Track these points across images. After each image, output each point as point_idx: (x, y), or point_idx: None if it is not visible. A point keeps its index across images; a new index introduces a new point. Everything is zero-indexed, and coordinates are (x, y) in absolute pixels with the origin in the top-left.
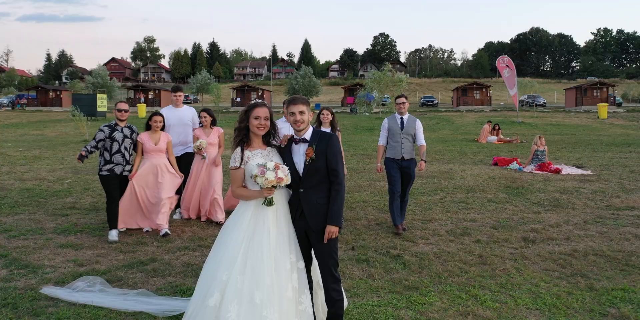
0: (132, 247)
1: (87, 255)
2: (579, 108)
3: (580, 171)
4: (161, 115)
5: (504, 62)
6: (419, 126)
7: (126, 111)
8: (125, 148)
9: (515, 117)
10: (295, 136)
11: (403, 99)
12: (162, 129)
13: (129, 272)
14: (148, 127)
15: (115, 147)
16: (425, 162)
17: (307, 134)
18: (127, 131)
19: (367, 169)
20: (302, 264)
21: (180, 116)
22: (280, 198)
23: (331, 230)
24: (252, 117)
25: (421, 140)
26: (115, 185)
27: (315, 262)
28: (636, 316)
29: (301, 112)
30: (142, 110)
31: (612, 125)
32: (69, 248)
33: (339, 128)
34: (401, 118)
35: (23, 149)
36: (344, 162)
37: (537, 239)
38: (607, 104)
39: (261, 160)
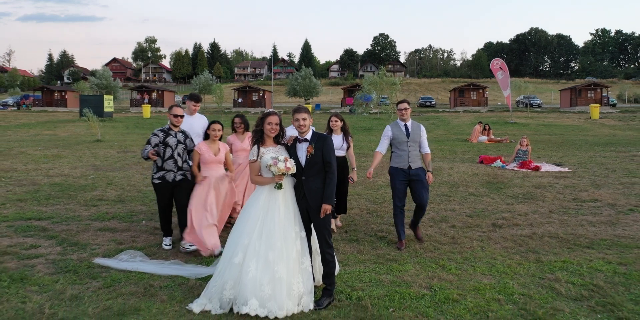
0: (160, 231)
1: (123, 236)
2: (573, 108)
3: (558, 169)
4: (220, 123)
5: (497, 65)
6: (424, 132)
7: (182, 117)
8: (178, 154)
9: (509, 117)
10: (298, 137)
11: (405, 105)
12: (220, 138)
13: (161, 249)
14: (206, 137)
15: (168, 152)
16: (432, 173)
17: (308, 135)
18: (180, 136)
19: (362, 166)
20: (304, 234)
21: (191, 124)
22: (288, 184)
23: (326, 207)
24: (266, 123)
25: (426, 148)
26: (167, 194)
27: (314, 233)
28: (567, 279)
29: (303, 119)
30: (147, 110)
31: (602, 126)
32: (107, 231)
33: (351, 135)
34: (405, 125)
35: (42, 148)
36: (354, 168)
37: (504, 225)
38: (599, 105)
39: (273, 155)
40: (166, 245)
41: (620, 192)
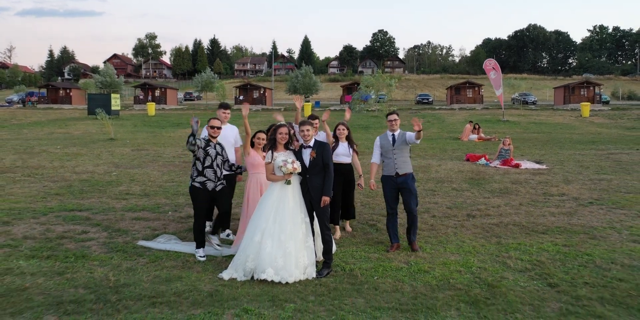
0: (185, 219)
1: (155, 224)
2: (566, 106)
3: (537, 166)
4: (265, 132)
5: (490, 65)
6: (409, 134)
7: (219, 128)
8: (217, 165)
9: (502, 115)
10: (303, 144)
11: (395, 116)
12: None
13: (189, 234)
14: (252, 145)
15: (208, 161)
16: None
17: (311, 143)
18: (218, 148)
19: None
20: (307, 219)
21: (223, 135)
22: (295, 181)
23: (325, 199)
24: (278, 133)
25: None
26: (205, 198)
27: (315, 219)
28: (518, 257)
29: (307, 130)
30: (152, 108)
31: (590, 124)
32: (141, 220)
33: (356, 144)
34: (392, 135)
35: (61, 147)
36: (361, 175)
37: (477, 215)
38: (589, 103)
39: (284, 158)
40: (200, 256)
41: (587, 187)
